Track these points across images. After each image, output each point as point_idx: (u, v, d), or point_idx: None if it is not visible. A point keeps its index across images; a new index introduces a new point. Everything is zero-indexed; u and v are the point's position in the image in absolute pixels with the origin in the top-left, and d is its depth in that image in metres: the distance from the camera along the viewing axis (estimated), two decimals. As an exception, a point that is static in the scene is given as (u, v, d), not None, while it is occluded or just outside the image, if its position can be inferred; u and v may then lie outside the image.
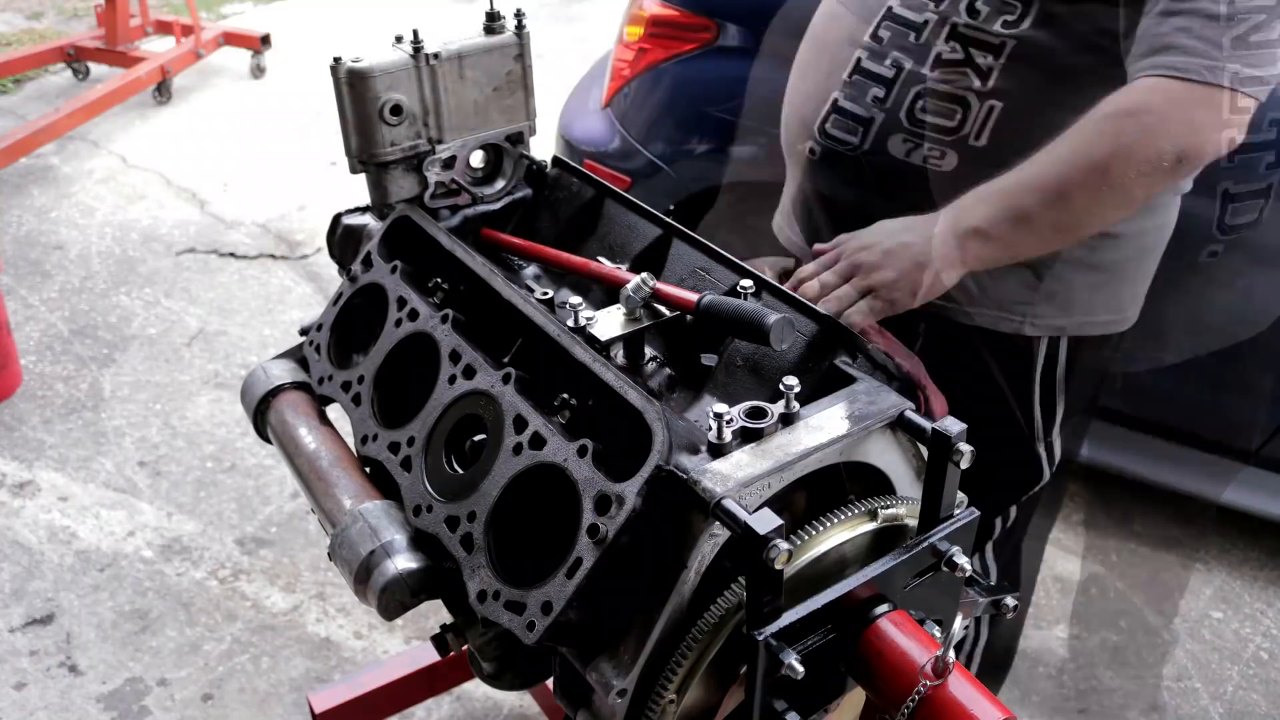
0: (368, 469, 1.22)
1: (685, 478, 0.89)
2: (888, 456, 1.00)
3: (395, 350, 1.24)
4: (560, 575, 0.93)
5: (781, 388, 0.96)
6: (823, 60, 1.47)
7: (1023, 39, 1.29)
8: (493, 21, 1.38)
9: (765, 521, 0.80)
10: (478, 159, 1.46)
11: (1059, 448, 1.61)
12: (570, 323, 1.13)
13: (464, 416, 1.12)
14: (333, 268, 1.57)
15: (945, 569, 0.95)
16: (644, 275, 1.17)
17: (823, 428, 0.95)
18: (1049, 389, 1.53)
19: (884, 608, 0.91)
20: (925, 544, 0.94)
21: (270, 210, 4.28)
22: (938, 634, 0.94)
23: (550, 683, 1.07)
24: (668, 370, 1.23)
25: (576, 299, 1.15)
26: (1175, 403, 2.42)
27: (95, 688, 2.25)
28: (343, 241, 1.50)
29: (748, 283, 1.17)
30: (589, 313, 1.14)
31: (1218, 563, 2.65)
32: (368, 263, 1.35)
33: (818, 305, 1.17)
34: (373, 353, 1.27)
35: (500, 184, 1.47)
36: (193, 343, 3.44)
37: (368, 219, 1.48)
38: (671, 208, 2.59)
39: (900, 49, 1.37)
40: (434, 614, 2.38)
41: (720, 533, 0.89)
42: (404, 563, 1.07)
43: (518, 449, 1.03)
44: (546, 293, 1.22)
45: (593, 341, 1.11)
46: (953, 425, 0.91)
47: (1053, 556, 2.62)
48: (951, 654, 0.84)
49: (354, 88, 1.31)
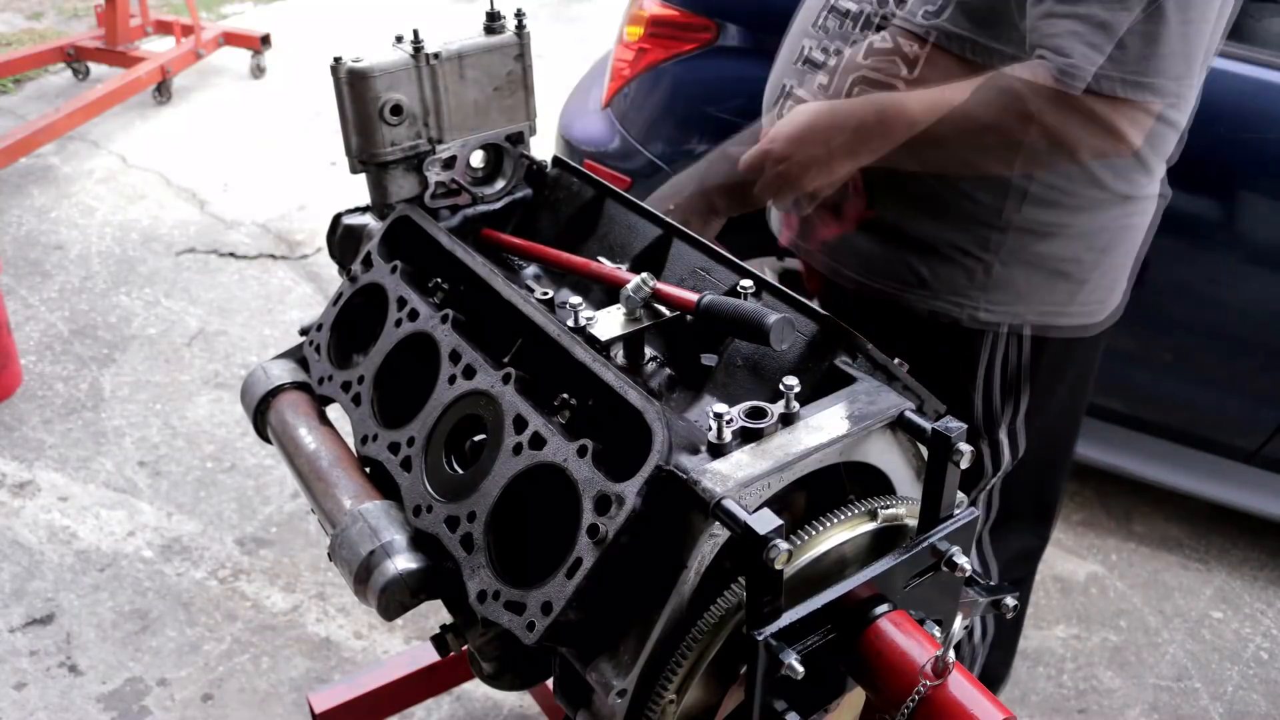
0: (368, 469, 1.22)
1: (685, 478, 0.89)
2: (888, 456, 1.00)
3: (395, 350, 1.24)
4: (560, 575, 0.93)
5: (781, 388, 0.96)
6: (784, 48, 1.57)
7: (942, 29, 1.35)
8: (493, 21, 1.38)
9: (765, 521, 0.80)
10: (478, 159, 1.46)
11: (1022, 439, 1.63)
12: (570, 323, 1.13)
13: (464, 416, 1.12)
14: (333, 268, 1.57)
15: (945, 569, 0.95)
16: (644, 275, 1.17)
17: (823, 428, 0.95)
18: (1011, 379, 1.56)
19: (884, 608, 0.91)
20: (925, 544, 0.94)
21: (270, 210, 4.28)
22: (938, 634, 0.94)
23: (550, 683, 1.07)
24: (668, 370, 1.23)
25: (576, 299, 1.15)
26: (1175, 403, 2.42)
27: (95, 688, 2.25)
28: (343, 241, 1.50)
29: (748, 283, 1.17)
30: (589, 313, 1.15)
31: (1218, 563, 2.65)
32: (368, 263, 1.35)
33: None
34: (373, 353, 1.27)
35: (500, 184, 1.47)
36: (193, 343, 3.44)
37: (368, 219, 1.48)
38: (672, 208, 2.58)
39: (840, 38, 1.44)
40: (434, 614, 2.38)
41: (720, 533, 0.89)
42: (404, 563, 1.07)
43: (518, 449, 1.03)
44: (546, 293, 1.22)
45: (593, 341, 1.12)
46: (953, 425, 0.91)
47: (1053, 556, 2.62)
48: (951, 654, 0.84)
49: (354, 87, 1.31)
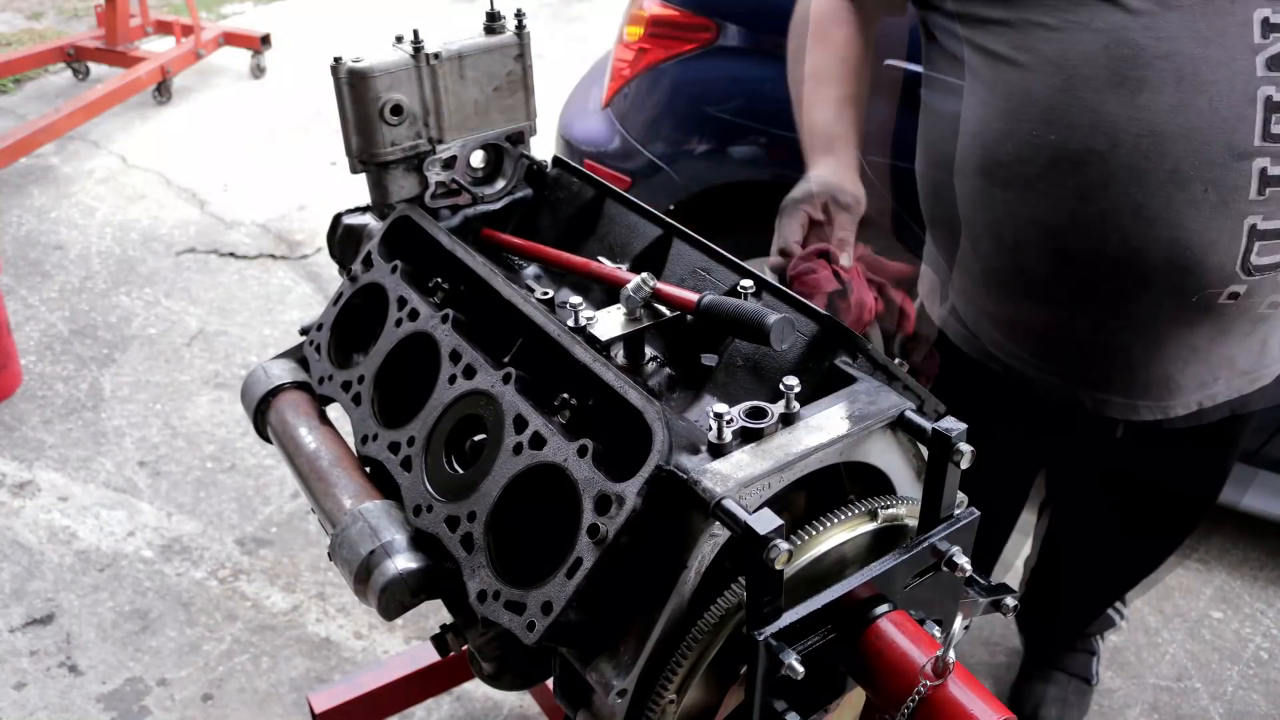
0: (368, 469, 1.22)
1: (685, 478, 0.89)
2: (888, 456, 1.00)
3: (395, 350, 1.24)
4: (560, 575, 0.93)
5: (782, 388, 0.96)
6: (1186, 193, 1.23)
7: None
8: (493, 21, 1.38)
9: (765, 521, 0.80)
10: (478, 159, 1.46)
11: None
12: (570, 323, 1.13)
13: (464, 416, 1.12)
14: (333, 268, 1.57)
15: (945, 569, 0.95)
16: (644, 275, 1.17)
17: (823, 428, 0.95)
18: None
19: (884, 608, 0.91)
20: (925, 544, 0.94)
21: (270, 210, 4.28)
22: (938, 634, 0.94)
23: (550, 683, 1.07)
24: (668, 370, 1.23)
25: (577, 299, 1.15)
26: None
27: (95, 688, 2.25)
28: (343, 241, 1.50)
29: (748, 283, 1.17)
30: (589, 313, 1.15)
31: (1218, 563, 2.65)
32: (368, 262, 1.35)
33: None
34: (373, 353, 1.27)
35: (500, 184, 1.47)
36: (193, 343, 3.44)
37: (368, 219, 1.48)
38: (672, 208, 2.59)
39: None
40: (434, 614, 2.38)
41: (720, 533, 0.89)
42: (404, 563, 1.07)
43: (518, 449, 1.03)
44: (547, 293, 1.22)
45: (593, 341, 1.11)
46: (953, 425, 0.91)
47: (1053, 556, 2.62)
48: (952, 654, 0.84)
49: (354, 88, 1.31)
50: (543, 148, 1.54)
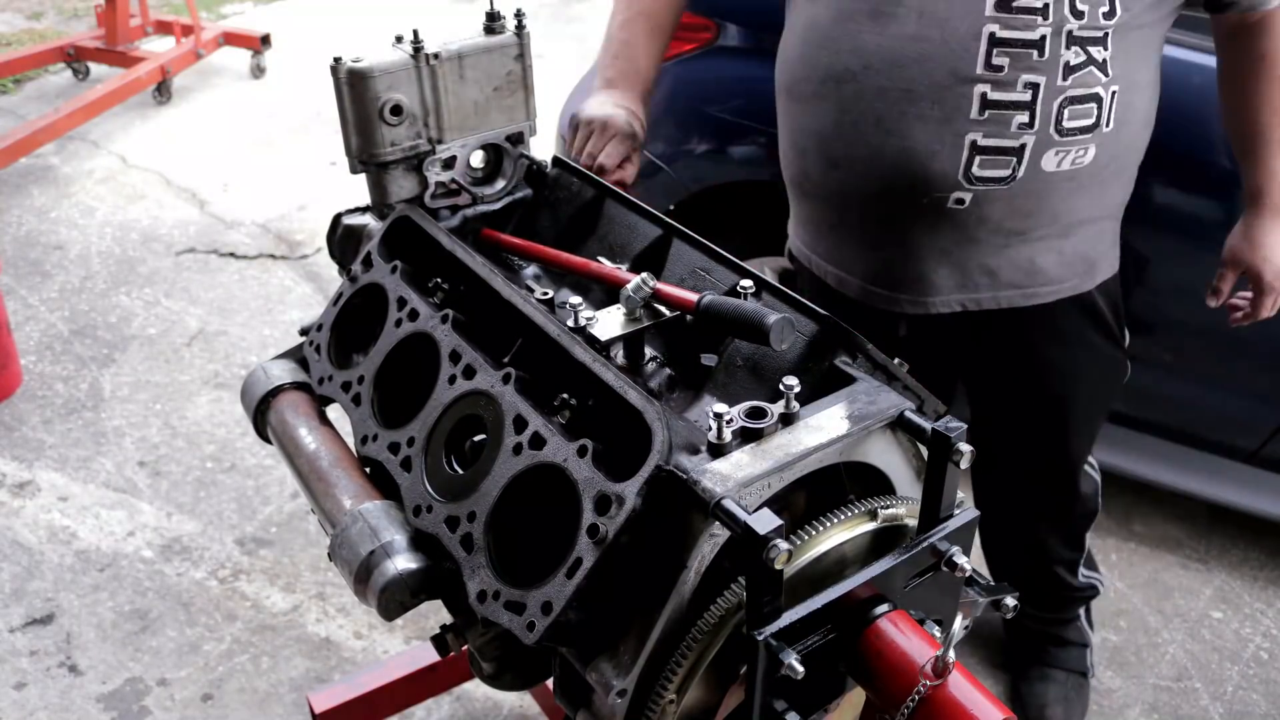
0: (368, 469, 1.22)
1: (685, 478, 0.89)
2: (888, 456, 1.00)
3: (395, 350, 1.25)
4: (560, 575, 0.93)
5: (781, 388, 0.96)
6: (916, 109, 1.49)
7: (1119, 25, 1.44)
8: (493, 21, 1.38)
9: (765, 521, 0.80)
10: (478, 159, 1.46)
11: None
12: (570, 323, 1.13)
13: (464, 416, 1.12)
14: (333, 268, 1.57)
15: (945, 569, 0.95)
16: (644, 275, 1.17)
17: (823, 428, 0.95)
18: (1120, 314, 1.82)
19: (884, 608, 0.91)
20: (925, 544, 0.94)
21: (270, 210, 4.28)
22: (938, 634, 0.94)
23: (550, 683, 1.07)
24: (668, 370, 1.23)
25: (576, 299, 1.15)
26: (1175, 403, 2.42)
27: (95, 688, 2.25)
28: (343, 241, 1.50)
29: (748, 283, 1.17)
30: (589, 313, 1.15)
31: (1218, 563, 2.65)
32: (368, 263, 1.35)
33: None
34: (373, 353, 1.27)
35: (500, 184, 1.47)
36: (193, 343, 3.44)
37: (368, 219, 1.48)
38: (671, 208, 2.59)
39: (1028, 69, 1.43)
40: (434, 614, 2.38)
41: (720, 533, 0.89)
42: (404, 563, 1.07)
43: (518, 449, 1.03)
44: (546, 293, 1.22)
45: (593, 341, 1.12)
46: (953, 425, 0.91)
47: (1053, 556, 2.62)
48: (951, 654, 0.84)
49: (354, 88, 1.31)
50: (543, 148, 1.54)
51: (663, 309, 1.18)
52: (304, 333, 1.39)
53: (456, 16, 6.14)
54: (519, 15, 1.39)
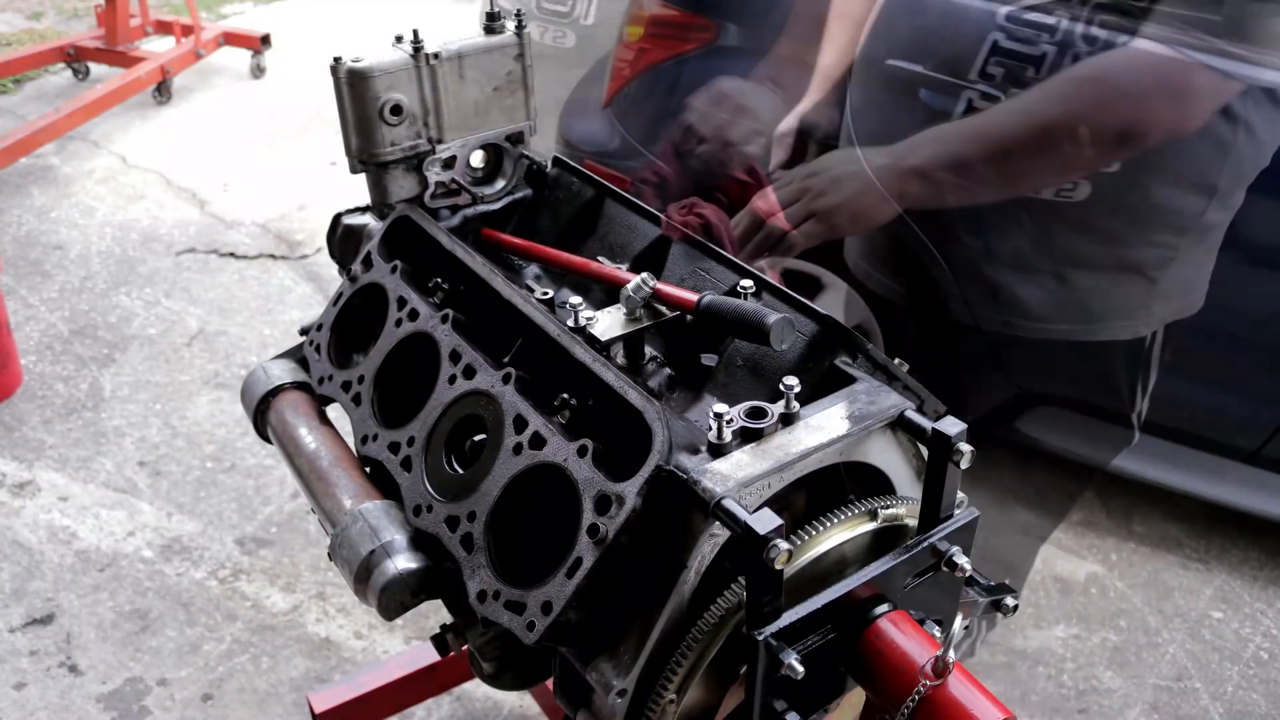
0: (368, 469, 1.22)
1: (685, 478, 0.89)
2: (888, 456, 1.00)
3: (395, 350, 1.24)
4: (560, 575, 0.93)
5: (781, 388, 0.96)
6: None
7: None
8: (493, 21, 1.38)
9: (765, 521, 0.80)
10: (478, 159, 1.46)
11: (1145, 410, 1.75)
12: (570, 323, 1.13)
13: (464, 416, 1.12)
14: (333, 268, 1.57)
15: (945, 569, 0.95)
16: (644, 275, 1.17)
17: (823, 428, 0.95)
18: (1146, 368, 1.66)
19: (884, 608, 0.91)
20: (925, 544, 0.94)
21: (270, 210, 4.28)
22: (938, 634, 0.94)
23: (550, 683, 1.07)
24: (668, 370, 1.23)
25: (576, 299, 1.15)
26: (1175, 403, 2.42)
27: (95, 688, 2.25)
28: (343, 241, 1.50)
29: (748, 283, 1.17)
30: (589, 313, 1.15)
31: (1218, 563, 2.65)
32: (368, 262, 1.35)
33: (770, 221, 1.24)
34: (373, 353, 1.26)
35: (500, 184, 1.47)
36: (193, 343, 3.44)
37: (368, 219, 1.48)
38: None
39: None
40: (434, 614, 2.38)
41: (720, 533, 0.89)
42: (404, 563, 1.07)
43: (518, 449, 1.03)
44: (547, 293, 1.22)
45: (593, 341, 1.11)
46: (953, 425, 0.91)
47: (1053, 556, 2.62)
48: (952, 654, 0.84)
49: (354, 87, 1.31)
50: (543, 148, 1.54)
51: (663, 309, 1.18)
52: (304, 332, 1.39)
53: (456, 17, 6.14)
54: (519, 15, 1.39)
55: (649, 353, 1.24)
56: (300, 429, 1.29)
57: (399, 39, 1.34)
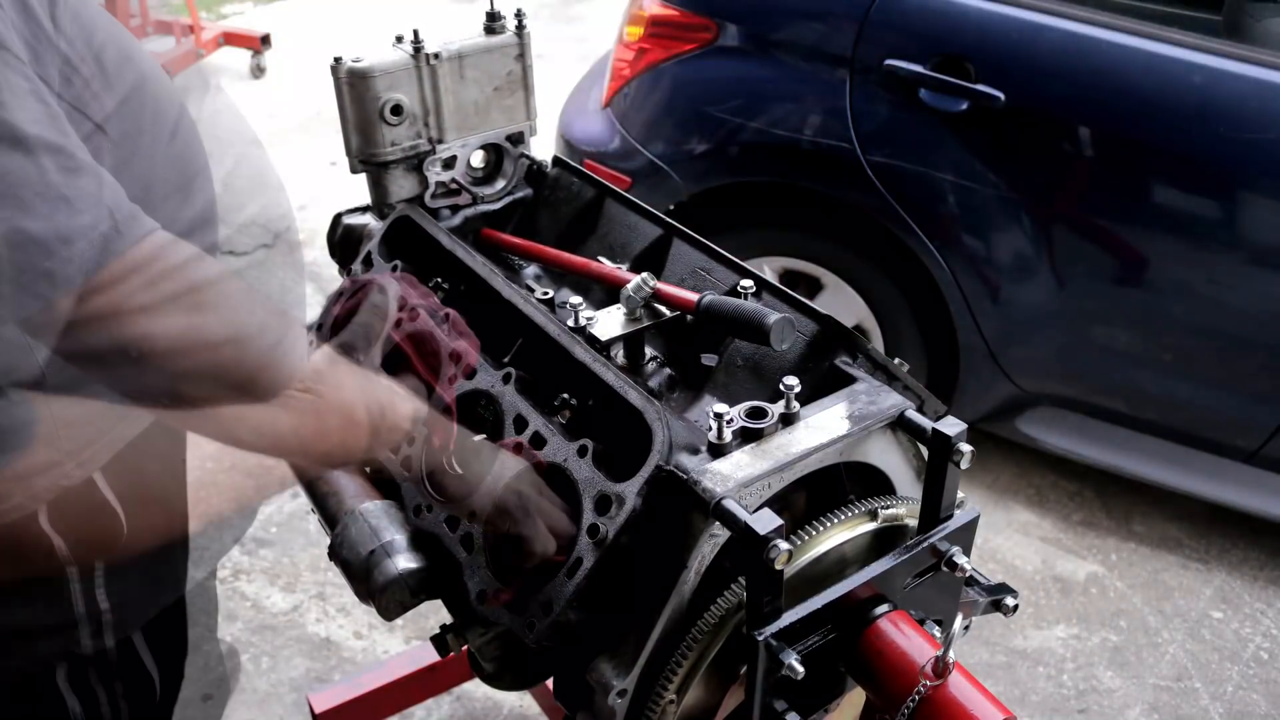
0: (368, 469, 1.22)
1: (685, 478, 0.89)
2: (888, 456, 1.00)
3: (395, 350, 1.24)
4: (560, 575, 0.93)
5: (782, 388, 0.96)
6: None
7: None
8: (493, 21, 1.38)
9: (765, 521, 0.80)
10: (478, 159, 1.46)
11: None
12: (570, 323, 1.13)
13: (464, 416, 1.12)
14: (333, 268, 1.57)
15: (945, 569, 0.95)
16: (644, 275, 1.17)
17: (823, 428, 0.95)
18: None
19: (884, 608, 0.91)
20: (925, 544, 0.94)
21: (270, 210, 4.28)
22: (938, 634, 0.94)
23: (550, 683, 1.07)
24: (668, 370, 1.23)
25: (577, 299, 1.15)
26: (1175, 403, 2.42)
27: (95, 687, 2.25)
28: (343, 241, 1.50)
29: (748, 283, 1.17)
30: (589, 313, 1.15)
31: (1218, 563, 2.65)
32: (368, 262, 1.35)
33: None
34: (373, 352, 1.26)
35: (501, 184, 1.47)
36: (193, 343, 3.44)
37: (368, 219, 1.48)
38: (671, 208, 2.59)
39: None
40: (434, 614, 2.38)
41: (720, 533, 0.89)
42: (404, 562, 1.07)
43: (518, 449, 1.03)
44: (547, 293, 1.22)
45: (593, 341, 1.12)
46: (953, 425, 0.91)
47: (1053, 556, 2.62)
48: (952, 654, 0.84)
49: (354, 87, 1.31)
50: (543, 148, 1.54)
51: (663, 309, 1.18)
52: (304, 332, 1.39)
53: (456, 17, 6.14)
54: (519, 15, 1.39)
55: (649, 353, 1.24)
56: (300, 429, 1.28)
57: (399, 39, 1.34)
